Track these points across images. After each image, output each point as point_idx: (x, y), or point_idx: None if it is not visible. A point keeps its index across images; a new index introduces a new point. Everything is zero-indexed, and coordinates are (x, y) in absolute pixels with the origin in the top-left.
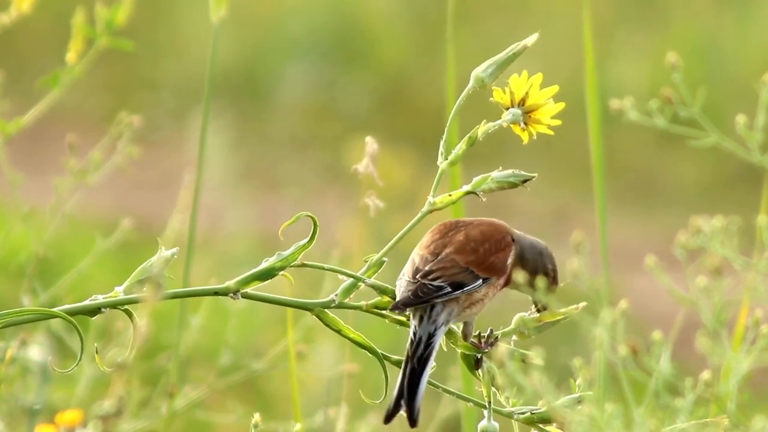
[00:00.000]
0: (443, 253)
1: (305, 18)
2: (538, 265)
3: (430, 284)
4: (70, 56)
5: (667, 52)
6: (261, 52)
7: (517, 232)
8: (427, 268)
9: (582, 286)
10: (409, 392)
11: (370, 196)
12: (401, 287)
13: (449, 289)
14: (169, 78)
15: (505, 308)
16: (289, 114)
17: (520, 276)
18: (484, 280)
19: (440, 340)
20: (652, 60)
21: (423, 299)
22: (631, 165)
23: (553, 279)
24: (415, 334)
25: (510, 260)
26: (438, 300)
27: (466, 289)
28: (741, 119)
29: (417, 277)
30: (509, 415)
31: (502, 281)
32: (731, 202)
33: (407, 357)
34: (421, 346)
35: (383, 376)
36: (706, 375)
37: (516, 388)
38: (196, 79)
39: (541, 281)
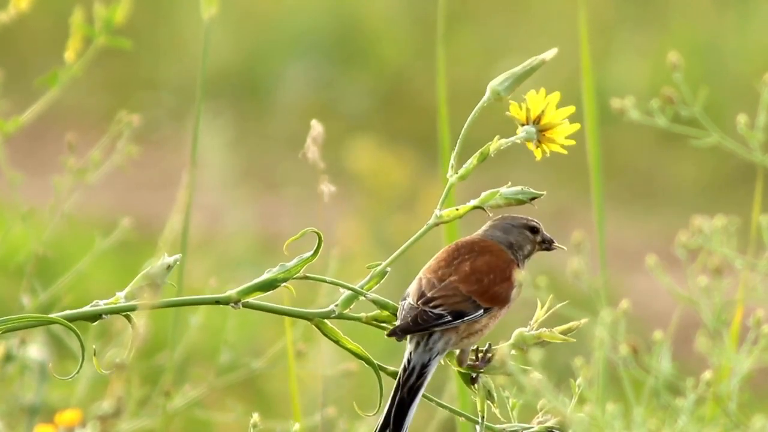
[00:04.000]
0: (447, 281)
1: (305, 18)
2: (523, 241)
3: (431, 312)
4: (69, 55)
5: (667, 52)
6: (261, 52)
7: (492, 233)
8: (429, 294)
9: (582, 285)
10: (395, 423)
11: (322, 181)
12: (404, 309)
13: (449, 318)
14: (168, 78)
15: (508, 319)
16: (289, 114)
17: (520, 276)
18: (486, 310)
19: (433, 370)
20: (652, 60)
21: (422, 327)
22: (631, 165)
23: (542, 242)
24: (409, 361)
25: (514, 291)
26: (437, 329)
27: (466, 318)
28: (742, 119)
29: (419, 302)
30: (501, 431)
31: (503, 311)
32: (731, 202)
33: (397, 384)
34: (413, 376)
35: (378, 386)
36: (707, 375)
37: (516, 387)
38: (195, 78)
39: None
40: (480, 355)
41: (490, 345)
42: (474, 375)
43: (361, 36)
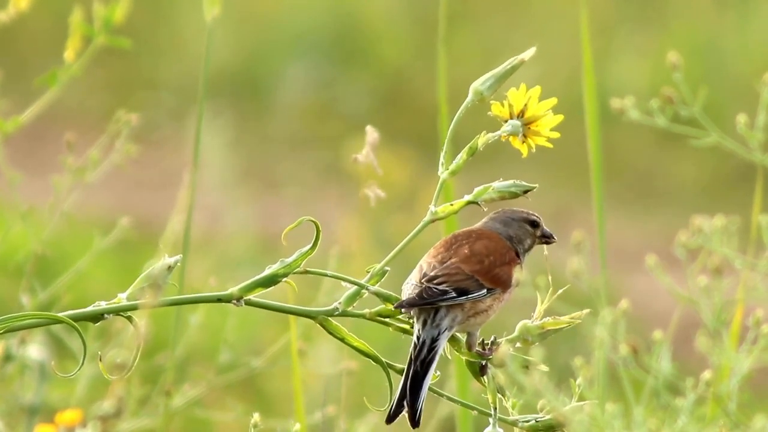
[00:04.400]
0: (449, 262)
1: (305, 18)
2: (523, 235)
3: (436, 288)
4: (68, 54)
5: (667, 52)
6: (261, 52)
7: (491, 225)
8: (433, 273)
9: (582, 285)
10: (411, 394)
11: (370, 186)
12: (407, 290)
13: (454, 294)
14: (168, 77)
15: (507, 314)
16: (289, 114)
17: (520, 275)
18: (489, 290)
19: (444, 345)
20: (652, 60)
21: (427, 301)
22: (631, 165)
23: (543, 236)
24: (418, 337)
25: (515, 277)
26: (442, 304)
27: (470, 296)
28: (742, 119)
29: (423, 281)
30: (514, 423)
31: (507, 295)
32: (731, 202)
33: (410, 360)
34: (425, 350)
35: (387, 383)
36: (707, 375)
37: (517, 387)
38: (195, 78)
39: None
40: (486, 346)
41: (495, 337)
42: (483, 364)
43: (361, 36)
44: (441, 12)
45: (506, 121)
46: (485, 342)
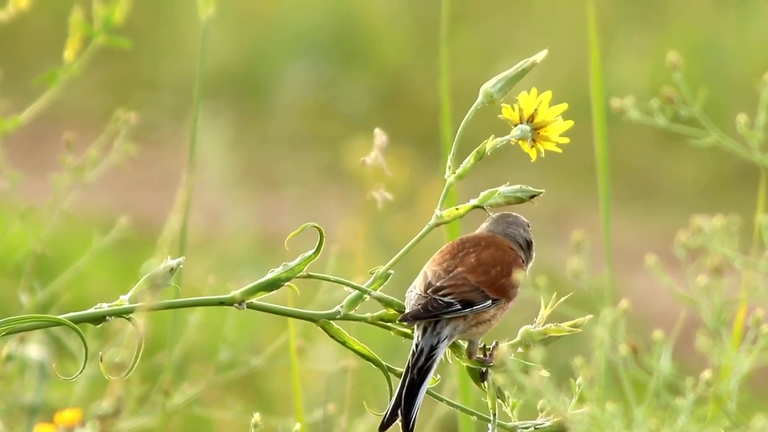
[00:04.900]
0: (455, 272)
1: (305, 17)
2: (521, 237)
3: (441, 300)
4: (68, 54)
5: (667, 52)
6: (261, 52)
7: (492, 229)
8: (438, 283)
9: (583, 285)
10: (406, 402)
11: (378, 188)
12: (411, 300)
13: (459, 307)
14: (168, 77)
15: (509, 319)
16: (289, 114)
17: (520, 276)
18: (494, 300)
19: (442, 354)
20: (653, 60)
21: (433, 314)
22: (632, 165)
23: (528, 245)
24: (417, 345)
25: (520, 286)
26: (447, 316)
27: (475, 308)
28: (742, 118)
29: (428, 291)
30: (513, 429)
31: (511, 304)
32: (731, 202)
33: (407, 367)
34: (422, 358)
35: (387, 387)
36: (707, 374)
37: (516, 387)
38: (195, 78)
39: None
40: (488, 352)
41: (497, 343)
42: (483, 370)
43: (361, 36)
44: (443, 12)
45: (516, 125)
46: (487, 348)
